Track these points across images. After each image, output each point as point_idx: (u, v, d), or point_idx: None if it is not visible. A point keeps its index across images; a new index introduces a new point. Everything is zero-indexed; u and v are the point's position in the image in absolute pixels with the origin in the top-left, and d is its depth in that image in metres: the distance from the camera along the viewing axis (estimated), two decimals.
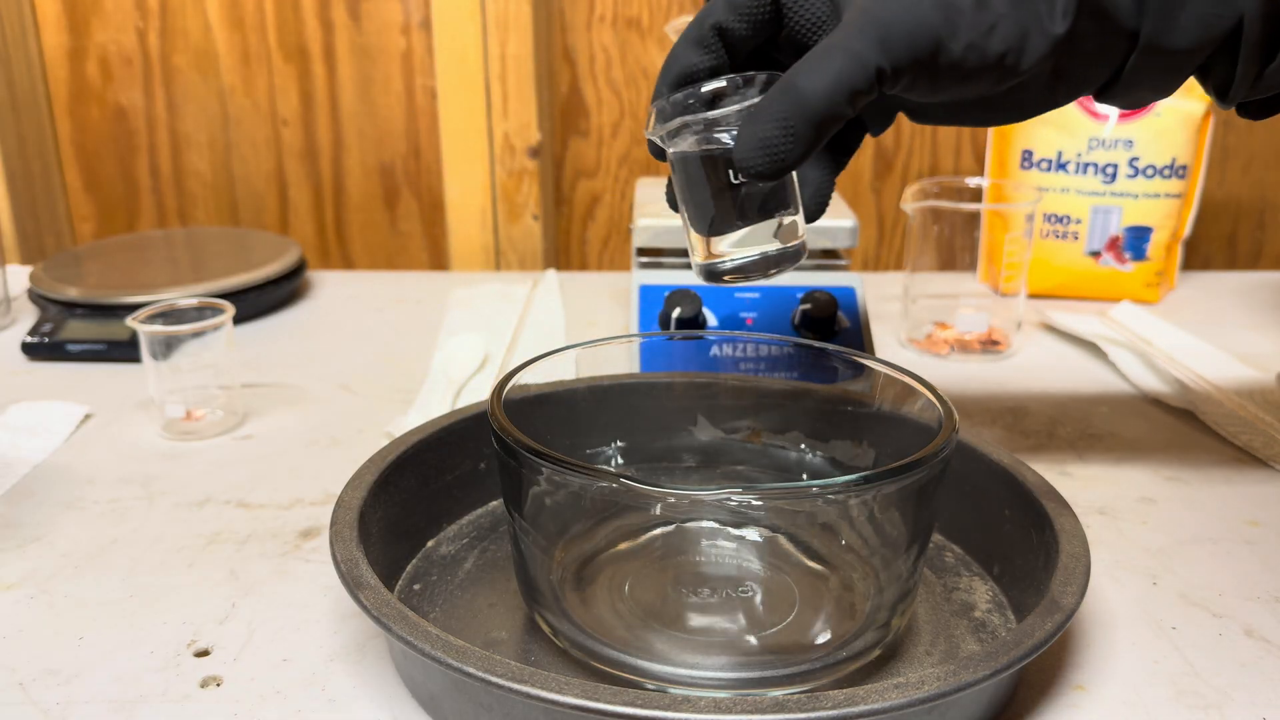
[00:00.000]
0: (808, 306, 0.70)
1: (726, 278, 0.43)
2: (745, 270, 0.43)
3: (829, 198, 0.46)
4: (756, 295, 0.72)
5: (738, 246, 0.43)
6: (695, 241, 0.44)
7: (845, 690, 0.33)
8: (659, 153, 0.44)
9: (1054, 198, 0.88)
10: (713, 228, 0.43)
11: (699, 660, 0.38)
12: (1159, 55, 0.39)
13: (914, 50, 0.37)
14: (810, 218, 0.45)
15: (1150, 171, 0.85)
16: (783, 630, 0.41)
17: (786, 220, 0.43)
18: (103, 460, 0.60)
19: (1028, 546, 0.44)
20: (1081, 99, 0.86)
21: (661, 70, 0.44)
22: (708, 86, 0.41)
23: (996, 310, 0.78)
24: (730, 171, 0.41)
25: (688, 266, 0.75)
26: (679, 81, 0.43)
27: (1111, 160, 0.86)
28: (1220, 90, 0.41)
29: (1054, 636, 0.36)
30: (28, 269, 0.95)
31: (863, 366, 0.48)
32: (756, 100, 0.39)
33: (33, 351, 0.76)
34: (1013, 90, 0.41)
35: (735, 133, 0.39)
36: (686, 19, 0.71)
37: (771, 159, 0.38)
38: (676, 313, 0.70)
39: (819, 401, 0.50)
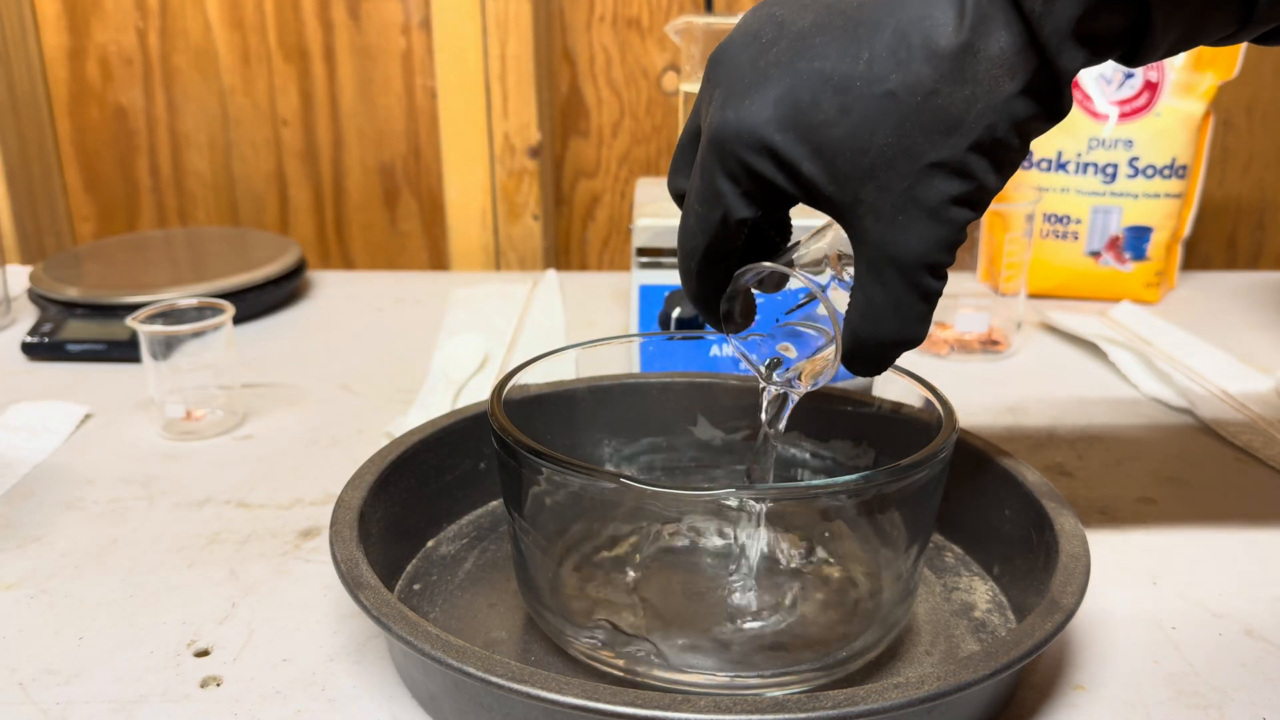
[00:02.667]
0: None
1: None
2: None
3: None
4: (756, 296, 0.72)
5: None
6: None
7: (845, 690, 0.33)
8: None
9: (1054, 198, 0.88)
10: None
11: (699, 660, 0.38)
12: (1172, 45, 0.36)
13: (956, 244, 0.35)
14: None
15: (1150, 171, 0.85)
16: (783, 630, 0.41)
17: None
18: (103, 460, 0.60)
19: (1028, 546, 0.44)
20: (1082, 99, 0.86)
21: (692, 304, 0.42)
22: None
23: (996, 310, 0.78)
24: None
25: None
26: (707, 308, 0.42)
27: (1111, 160, 0.86)
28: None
29: (1054, 636, 0.36)
30: (28, 269, 0.95)
31: None
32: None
33: (33, 351, 0.76)
34: None
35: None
36: (687, 19, 0.70)
37: (883, 370, 0.39)
38: (676, 313, 0.70)
39: (819, 401, 0.50)
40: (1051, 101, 0.34)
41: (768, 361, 0.43)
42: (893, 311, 0.36)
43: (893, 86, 0.33)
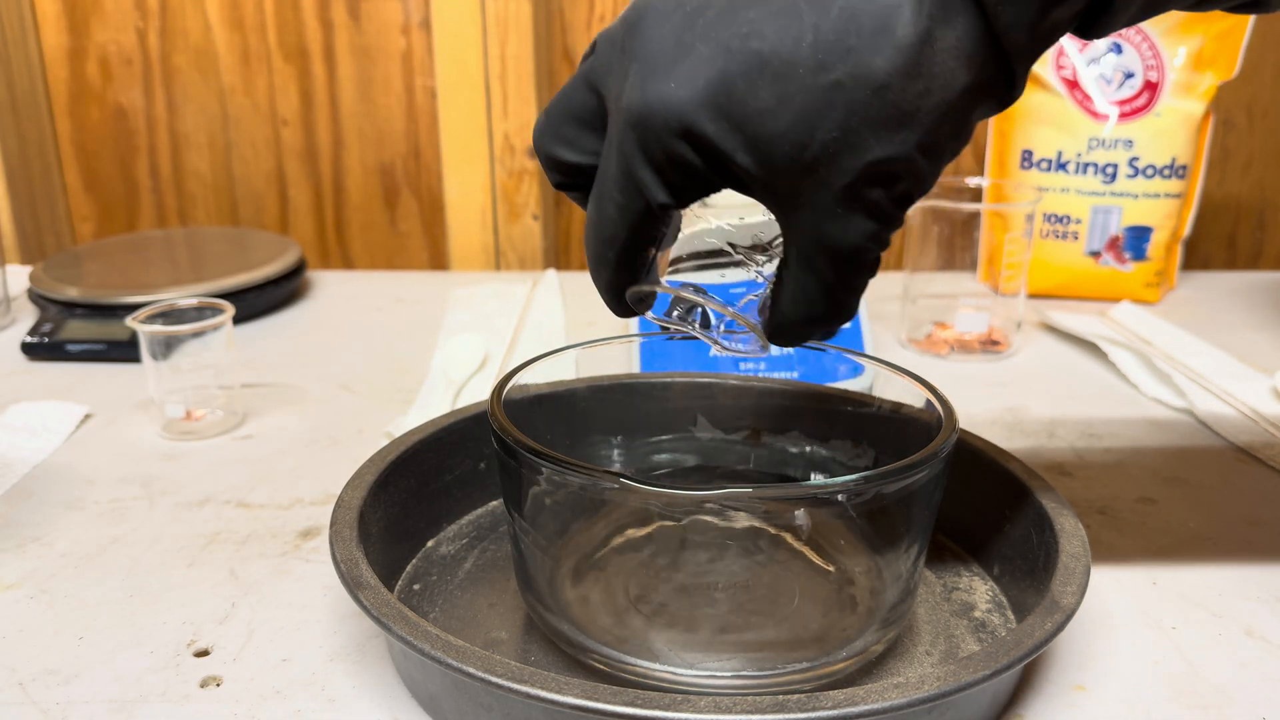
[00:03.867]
0: None
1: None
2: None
3: None
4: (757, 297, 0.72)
5: None
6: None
7: (845, 690, 0.33)
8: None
9: (1054, 198, 0.88)
10: None
11: (698, 660, 0.38)
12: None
13: (889, 235, 0.34)
14: None
15: (1150, 171, 0.85)
16: (782, 630, 0.40)
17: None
18: (103, 460, 0.60)
19: (1028, 546, 0.44)
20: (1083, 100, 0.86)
21: (604, 297, 0.39)
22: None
23: (996, 310, 0.78)
24: None
25: None
26: (620, 298, 0.39)
27: (1111, 160, 0.86)
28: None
29: (1054, 636, 0.36)
30: (28, 269, 0.96)
31: (863, 366, 0.48)
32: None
33: (33, 351, 0.76)
34: None
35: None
36: None
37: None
38: (676, 313, 0.70)
39: (819, 401, 0.50)
40: (1004, 93, 0.32)
41: (686, 310, 0.41)
42: (823, 297, 0.35)
43: (840, 76, 0.30)
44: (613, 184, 0.34)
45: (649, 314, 0.41)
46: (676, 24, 0.32)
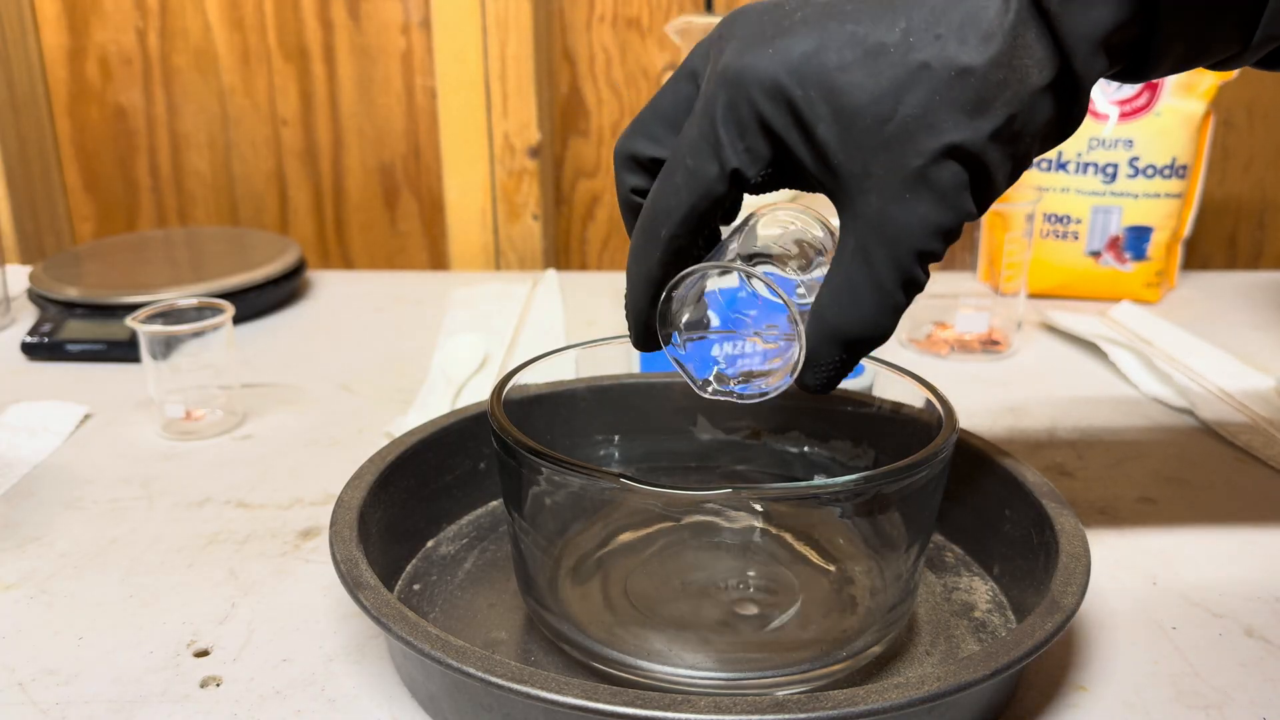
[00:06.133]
0: None
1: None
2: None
3: None
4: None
5: None
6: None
7: (845, 690, 0.33)
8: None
9: (1054, 197, 0.88)
10: None
11: (699, 660, 0.38)
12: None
13: (949, 241, 0.34)
14: None
15: (1150, 171, 0.85)
16: (782, 630, 0.40)
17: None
18: (102, 460, 0.60)
19: (1028, 546, 0.44)
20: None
21: (638, 286, 0.38)
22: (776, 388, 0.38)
23: (996, 310, 0.78)
24: None
25: None
26: (657, 298, 0.38)
27: (1112, 160, 0.86)
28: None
29: (1054, 637, 0.36)
30: (28, 269, 0.95)
31: (863, 366, 0.48)
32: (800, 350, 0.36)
33: (32, 351, 0.76)
34: None
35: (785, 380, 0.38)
36: (687, 19, 0.71)
37: (834, 385, 0.37)
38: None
39: (819, 401, 0.50)
40: (1069, 106, 0.34)
41: (712, 373, 0.40)
42: (872, 296, 0.34)
43: (928, 58, 0.32)
44: (688, 148, 0.35)
45: (670, 347, 0.39)
46: (775, 13, 0.35)
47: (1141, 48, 0.34)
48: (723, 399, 0.39)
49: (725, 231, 0.39)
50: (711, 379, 0.39)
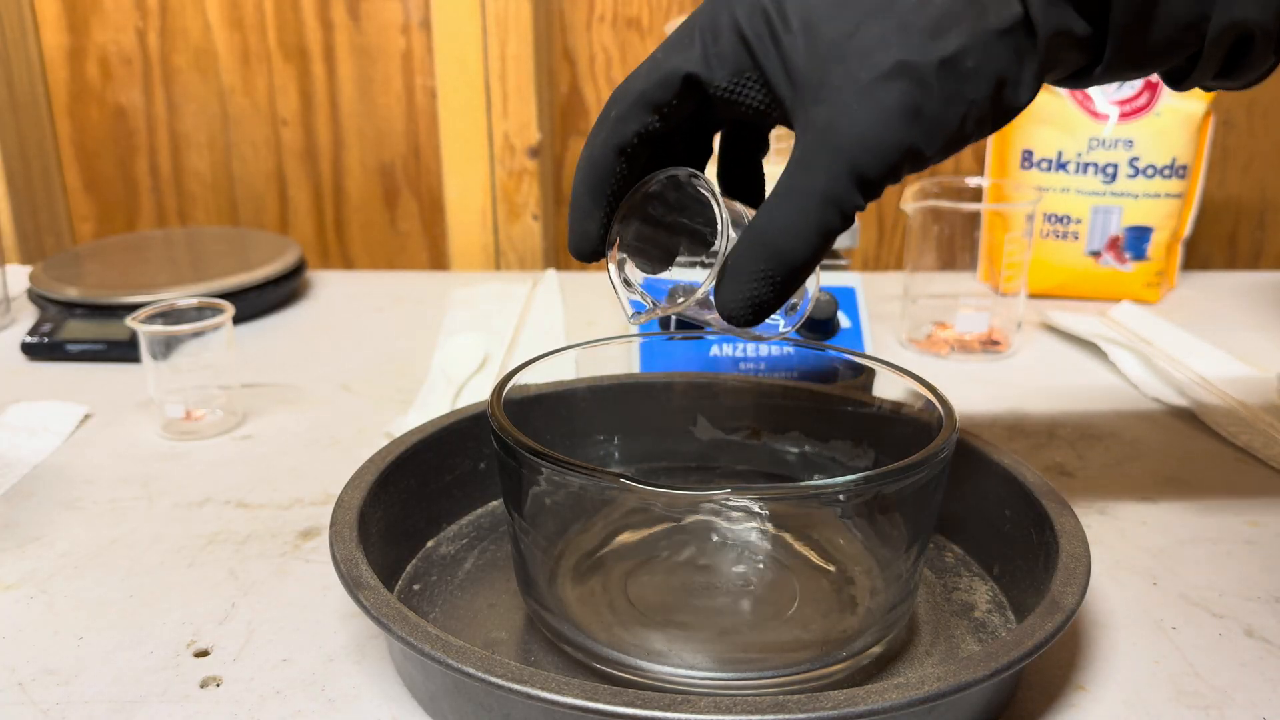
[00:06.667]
0: None
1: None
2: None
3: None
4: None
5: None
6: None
7: (845, 690, 0.33)
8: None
9: (1054, 198, 0.88)
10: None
11: (699, 660, 0.38)
12: (1123, 74, 0.38)
13: (890, 172, 0.35)
14: None
15: (1150, 171, 0.85)
16: (783, 630, 0.40)
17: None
18: (102, 460, 0.60)
19: (1028, 546, 0.44)
20: (1080, 95, 0.86)
21: (581, 179, 0.40)
22: (692, 295, 0.38)
23: (996, 310, 0.78)
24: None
25: None
26: (605, 195, 0.39)
27: (1112, 160, 0.86)
28: (1172, 78, 0.40)
29: (1054, 637, 0.36)
30: (28, 269, 0.95)
31: (863, 366, 0.48)
32: (726, 252, 0.37)
33: (32, 351, 0.76)
34: None
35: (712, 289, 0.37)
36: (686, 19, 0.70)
37: (757, 311, 0.37)
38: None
39: (819, 401, 0.50)
40: (1023, 65, 0.35)
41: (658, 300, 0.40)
42: (801, 203, 0.35)
43: None
44: (662, 46, 0.38)
45: (651, 307, 0.40)
46: None
47: (1095, 40, 0.36)
48: (654, 317, 0.39)
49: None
50: (653, 304, 0.39)
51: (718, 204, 0.37)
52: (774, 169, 0.38)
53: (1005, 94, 0.36)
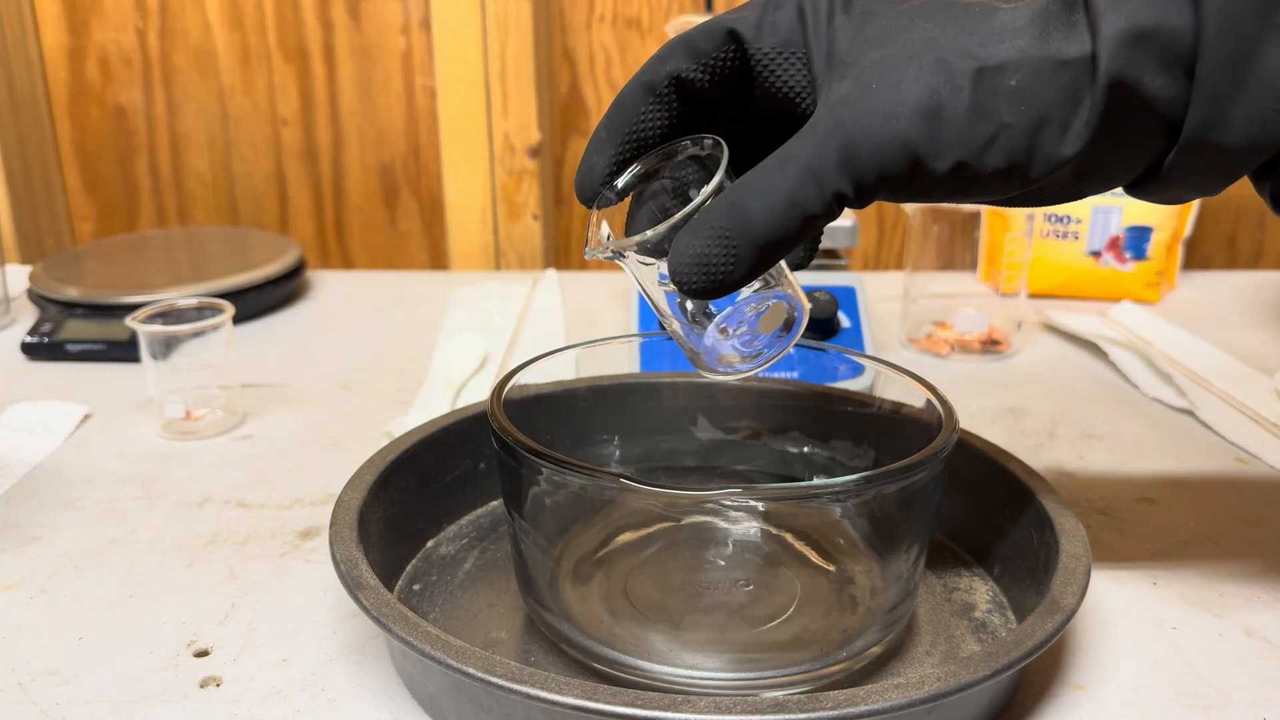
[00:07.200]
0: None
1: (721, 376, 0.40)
2: (736, 372, 0.40)
3: (819, 244, 0.41)
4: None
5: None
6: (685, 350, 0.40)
7: (845, 690, 0.33)
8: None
9: None
10: (681, 326, 0.39)
11: (699, 660, 0.38)
12: (1204, 152, 0.32)
13: (885, 169, 0.32)
14: (800, 266, 0.40)
15: None
16: (782, 630, 0.40)
17: (765, 306, 0.39)
18: (102, 460, 0.60)
19: (1028, 546, 0.44)
20: None
21: (606, 115, 0.38)
22: (662, 227, 0.35)
23: (997, 310, 0.78)
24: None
25: None
26: (624, 134, 0.38)
27: None
28: (1276, 198, 0.35)
29: (1054, 637, 0.36)
30: (27, 269, 0.95)
31: (863, 366, 0.48)
32: (697, 205, 0.34)
33: (32, 351, 0.76)
34: (1023, 194, 0.35)
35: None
36: (687, 19, 0.71)
37: (709, 278, 0.33)
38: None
39: (819, 401, 0.50)
40: (1079, 118, 0.32)
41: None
42: (783, 171, 0.32)
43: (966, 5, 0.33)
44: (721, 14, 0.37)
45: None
46: None
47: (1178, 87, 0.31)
48: (604, 253, 0.37)
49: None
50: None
51: (721, 168, 0.35)
52: None
53: (1046, 135, 0.32)
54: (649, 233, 0.35)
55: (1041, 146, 0.32)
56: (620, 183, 0.38)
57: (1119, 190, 0.36)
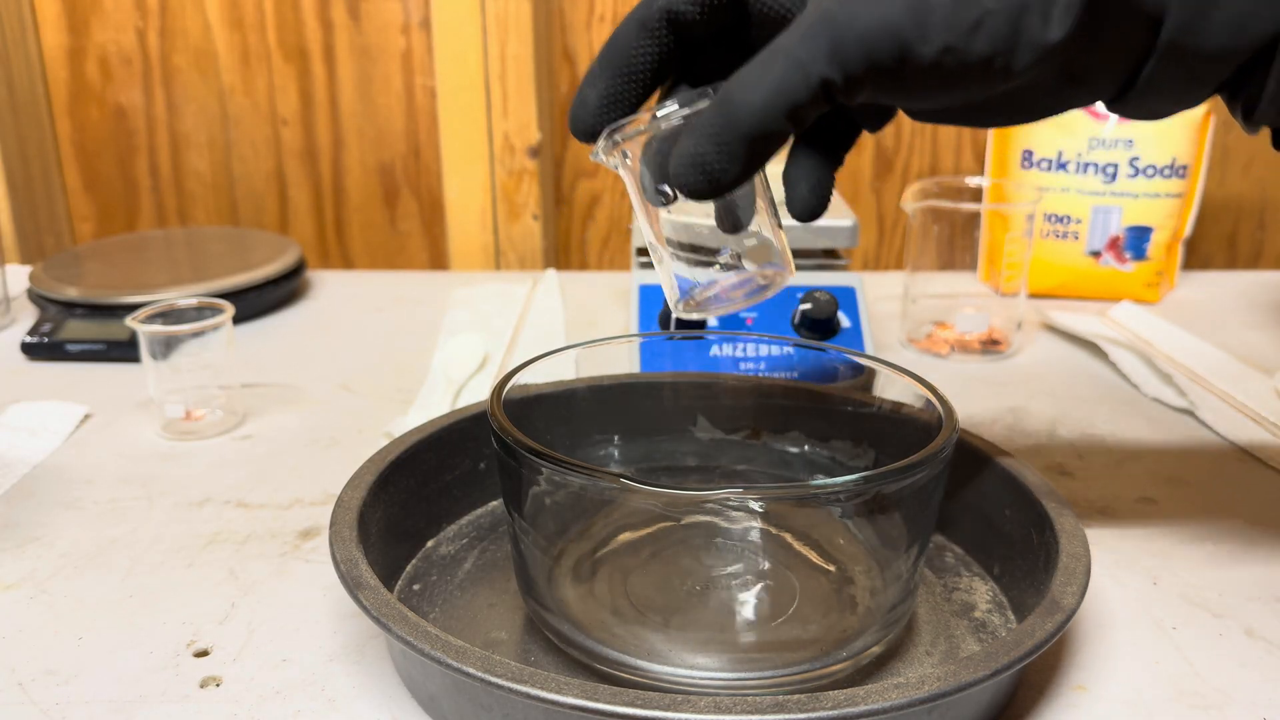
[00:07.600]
0: (808, 306, 0.70)
1: (684, 312, 0.40)
2: (708, 306, 0.40)
3: (829, 193, 0.41)
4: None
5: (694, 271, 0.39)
6: (661, 276, 0.41)
7: (845, 690, 0.33)
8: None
9: (1054, 197, 0.88)
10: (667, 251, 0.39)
11: (699, 660, 0.38)
12: (1183, 57, 0.33)
13: (871, 56, 0.32)
14: (811, 215, 0.40)
15: (1151, 171, 0.85)
16: (782, 630, 0.40)
17: (750, 242, 0.39)
18: (102, 460, 0.60)
19: (1028, 546, 0.44)
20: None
21: (600, 53, 0.38)
22: (663, 111, 0.36)
23: (996, 310, 0.78)
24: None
25: None
26: (617, 67, 0.38)
27: (1112, 160, 0.86)
28: (1247, 110, 0.35)
29: (1054, 637, 0.36)
30: (27, 269, 0.95)
31: (863, 366, 0.48)
32: (698, 108, 0.35)
33: (32, 351, 0.76)
34: (1010, 94, 0.35)
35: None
36: None
37: (706, 177, 0.34)
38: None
39: (819, 401, 0.50)
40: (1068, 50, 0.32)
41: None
42: (770, 61, 0.32)
43: None
44: None
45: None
46: None
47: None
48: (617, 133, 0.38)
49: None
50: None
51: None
52: None
53: (1029, 19, 0.32)
54: (659, 111, 0.36)
55: (1024, 31, 0.32)
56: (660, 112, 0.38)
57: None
